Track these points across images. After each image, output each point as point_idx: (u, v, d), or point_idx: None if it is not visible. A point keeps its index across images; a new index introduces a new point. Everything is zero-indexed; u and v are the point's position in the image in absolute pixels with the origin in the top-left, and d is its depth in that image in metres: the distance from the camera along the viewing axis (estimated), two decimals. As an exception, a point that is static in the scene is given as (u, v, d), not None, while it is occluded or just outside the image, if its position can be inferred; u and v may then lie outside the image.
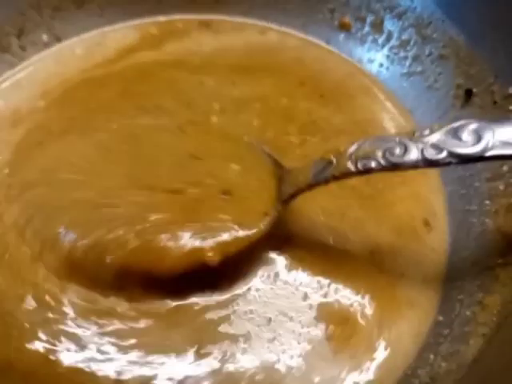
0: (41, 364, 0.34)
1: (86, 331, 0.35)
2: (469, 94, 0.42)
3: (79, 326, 0.35)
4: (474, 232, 0.38)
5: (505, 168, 0.38)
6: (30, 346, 0.34)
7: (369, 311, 0.36)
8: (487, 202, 0.38)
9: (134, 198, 0.36)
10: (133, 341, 0.34)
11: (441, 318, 0.36)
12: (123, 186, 0.38)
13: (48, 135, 0.43)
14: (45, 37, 0.49)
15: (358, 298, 0.36)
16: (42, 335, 0.34)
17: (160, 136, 0.41)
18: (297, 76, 0.47)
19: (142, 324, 0.35)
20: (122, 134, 0.42)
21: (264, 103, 0.45)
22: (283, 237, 0.38)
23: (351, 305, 0.36)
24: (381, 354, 0.34)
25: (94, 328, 0.35)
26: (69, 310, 0.35)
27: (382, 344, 0.35)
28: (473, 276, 0.36)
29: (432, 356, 0.33)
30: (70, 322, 0.35)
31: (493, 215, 0.37)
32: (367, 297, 0.36)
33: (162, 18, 0.51)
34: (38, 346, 0.34)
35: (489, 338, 0.32)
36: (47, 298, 0.36)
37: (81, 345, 0.34)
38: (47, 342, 0.34)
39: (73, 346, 0.34)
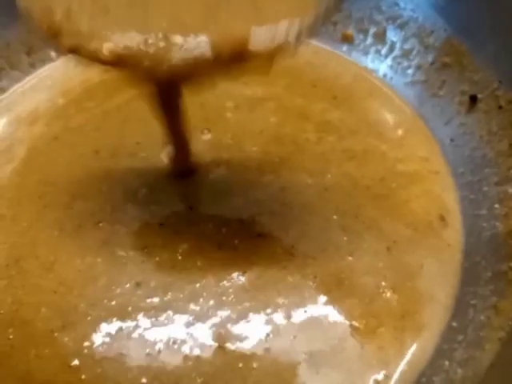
0: (62, 371, 0.33)
1: (107, 336, 0.35)
2: (474, 99, 0.42)
3: (100, 331, 0.35)
4: (485, 236, 0.38)
5: (513, 172, 0.38)
6: (49, 353, 0.34)
7: (391, 303, 0.36)
8: (497, 205, 0.38)
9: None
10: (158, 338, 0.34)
11: (454, 324, 0.35)
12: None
13: (64, 130, 0.46)
14: (53, 54, 0.51)
15: (379, 291, 0.36)
16: (61, 342, 0.34)
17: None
18: (308, 79, 0.49)
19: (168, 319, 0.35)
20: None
21: (278, 102, 0.47)
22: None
23: (372, 299, 0.36)
24: (408, 343, 0.34)
25: (116, 332, 0.35)
26: (87, 314, 0.35)
27: (408, 334, 0.34)
28: (486, 280, 0.35)
29: (447, 362, 0.33)
30: (89, 327, 0.35)
31: (503, 219, 0.37)
32: (388, 290, 0.36)
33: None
34: (58, 352, 0.34)
35: (505, 342, 0.31)
36: (65, 303, 0.36)
37: (102, 350, 0.34)
38: (67, 348, 0.34)
39: (94, 352, 0.34)
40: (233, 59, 0.28)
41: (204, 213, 0.40)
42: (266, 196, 0.41)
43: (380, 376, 0.33)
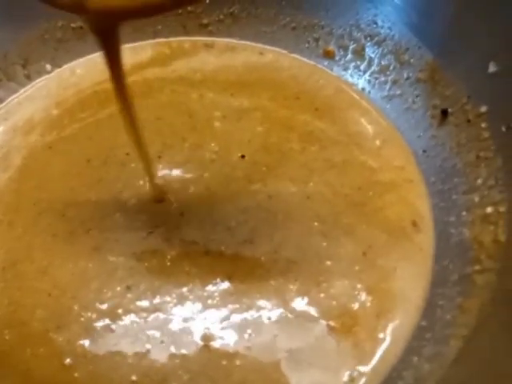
0: (56, 370, 0.35)
1: (99, 336, 0.36)
2: (445, 113, 0.45)
3: (92, 331, 0.37)
4: (453, 241, 0.40)
5: (479, 181, 0.40)
6: (45, 352, 0.36)
7: (366, 303, 0.38)
8: (464, 213, 0.40)
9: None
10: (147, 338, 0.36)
11: (424, 323, 0.37)
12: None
13: (58, 139, 0.48)
14: (48, 66, 0.53)
15: (355, 293, 0.38)
16: (56, 341, 0.36)
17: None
18: (292, 91, 0.51)
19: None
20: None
21: (264, 113, 0.49)
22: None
23: (348, 300, 0.38)
24: (381, 341, 0.36)
25: (108, 332, 0.37)
26: (80, 315, 0.37)
27: (381, 332, 0.37)
28: (453, 282, 0.38)
29: (416, 358, 0.35)
30: (82, 328, 0.37)
31: (470, 225, 0.39)
32: (363, 291, 0.38)
33: (172, 39, 0.56)
34: (53, 352, 0.36)
35: (468, 339, 0.33)
36: (59, 305, 0.38)
37: (94, 349, 0.36)
38: (61, 348, 0.36)
39: (86, 351, 0.36)
40: None
41: (193, 220, 0.42)
42: (253, 204, 0.43)
43: (354, 371, 0.35)
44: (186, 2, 0.28)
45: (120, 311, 0.38)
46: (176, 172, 0.45)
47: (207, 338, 0.36)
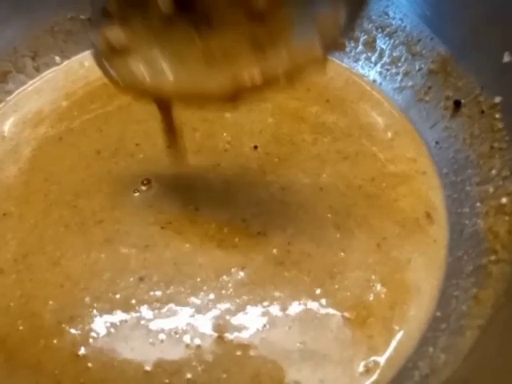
0: (70, 360, 0.35)
1: (112, 326, 0.36)
2: (457, 104, 0.45)
3: (105, 322, 0.37)
4: (467, 233, 0.40)
5: (493, 172, 0.40)
6: (58, 343, 0.36)
7: (381, 295, 0.38)
8: (478, 204, 0.40)
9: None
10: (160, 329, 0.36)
11: (438, 314, 0.37)
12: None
13: (68, 131, 0.48)
14: (57, 58, 0.53)
15: (369, 284, 0.38)
16: (69, 333, 0.36)
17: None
18: (302, 82, 0.50)
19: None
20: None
21: (275, 104, 0.49)
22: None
23: (363, 291, 0.38)
24: (395, 331, 0.36)
25: (121, 323, 0.37)
26: (93, 306, 0.37)
27: (396, 323, 0.37)
28: (467, 273, 0.38)
29: (431, 349, 0.35)
30: (95, 319, 0.37)
31: (484, 216, 0.39)
32: (377, 283, 0.38)
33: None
34: (66, 343, 0.36)
35: (484, 330, 0.33)
36: (71, 296, 0.38)
37: (108, 340, 0.36)
38: (75, 339, 0.36)
39: (100, 342, 0.36)
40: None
41: (207, 213, 0.42)
42: (267, 195, 0.43)
43: (369, 362, 0.35)
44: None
45: (133, 302, 0.38)
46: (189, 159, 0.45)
47: (221, 330, 0.36)
